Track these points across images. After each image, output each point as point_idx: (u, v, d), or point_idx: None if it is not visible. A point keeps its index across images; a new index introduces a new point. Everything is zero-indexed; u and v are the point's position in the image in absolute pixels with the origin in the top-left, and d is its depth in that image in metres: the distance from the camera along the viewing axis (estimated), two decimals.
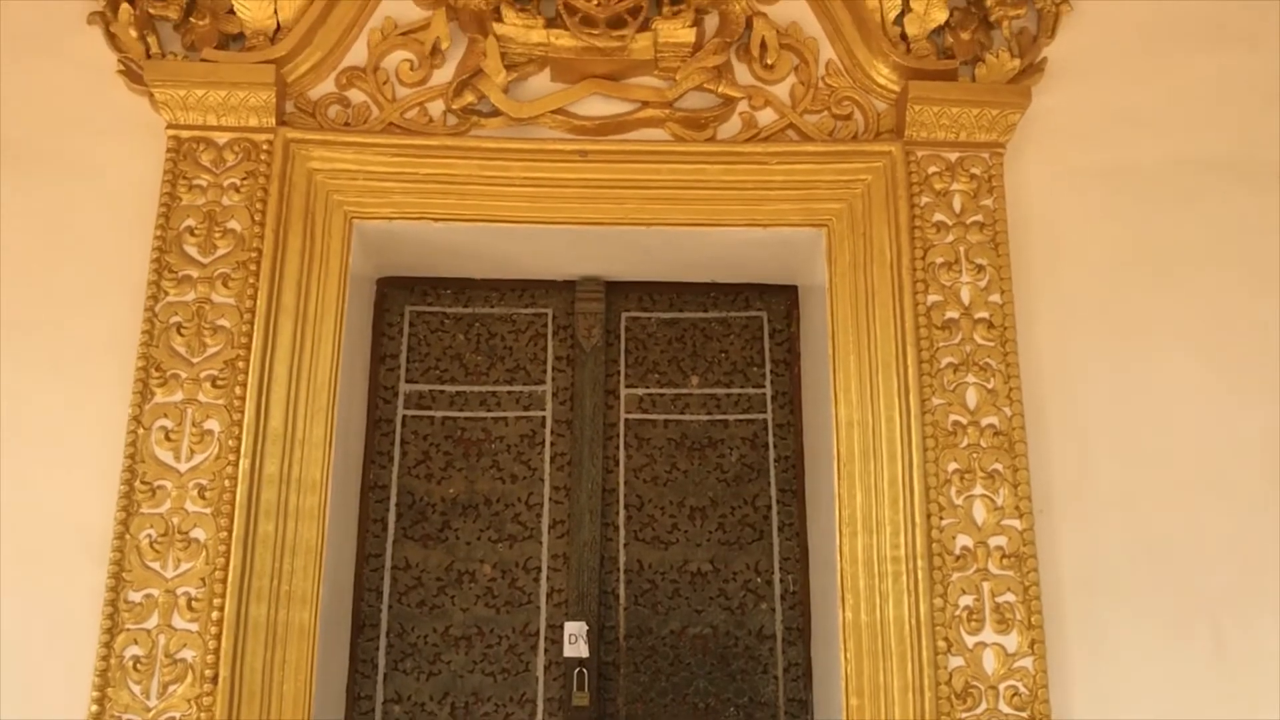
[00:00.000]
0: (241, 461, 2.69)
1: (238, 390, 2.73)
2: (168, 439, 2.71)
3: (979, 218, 2.95)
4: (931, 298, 2.89)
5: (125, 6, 2.96)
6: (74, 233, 2.89)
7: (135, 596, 2.62)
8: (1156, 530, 2.80)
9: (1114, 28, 3.16)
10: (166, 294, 2.81)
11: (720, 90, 3.01)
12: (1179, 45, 3.16)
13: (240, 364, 2.76)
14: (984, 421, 2.80)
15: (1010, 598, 2.69)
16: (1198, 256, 2.99)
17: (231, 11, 2.97)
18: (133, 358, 2.76)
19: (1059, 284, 2.95)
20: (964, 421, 2.80)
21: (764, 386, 3.30)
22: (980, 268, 2.91)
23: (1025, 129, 3.02)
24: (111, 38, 2.97)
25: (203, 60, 2.93)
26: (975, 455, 2.77)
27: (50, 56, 3.01)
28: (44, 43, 3.02)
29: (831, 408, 2.86)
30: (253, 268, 2.82)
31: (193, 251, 2.84)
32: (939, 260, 2.91)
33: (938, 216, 2.94)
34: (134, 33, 2.94)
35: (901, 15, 3.03)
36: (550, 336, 3.32)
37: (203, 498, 2.68)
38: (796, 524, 3.17)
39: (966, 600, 2.69)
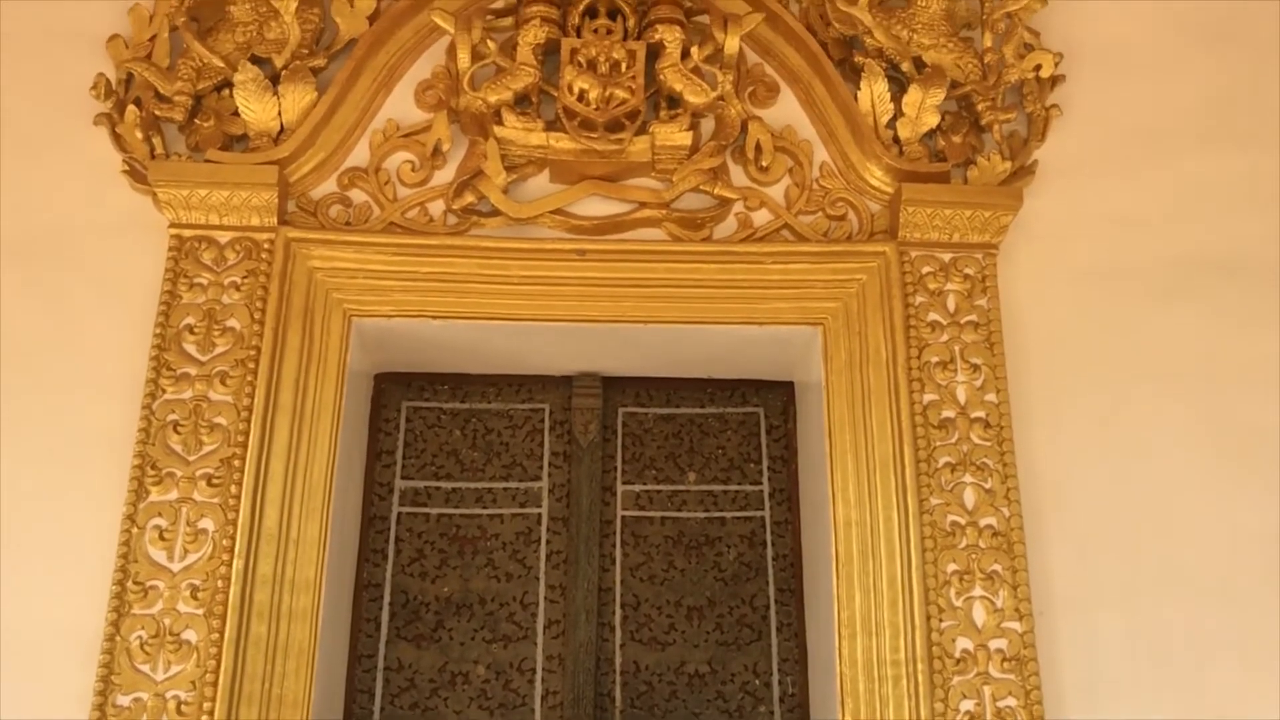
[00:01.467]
0: (235, 561, 2.66)
1: (233, 489, 2.72)
2: (161, 538, 2.69)
3: (973, 317, 2.97)
4: (927, 397, 2.89)
5: (131, 108, 3.01)
6: (74, 330, 2.90)
7: (124, 700, 2.57)
8: (1158, 631, 2.77)
9: (1104, 130, 3.22)
10: (164, 391, 2.80)
11: (716, 191, 3.05)
12: (1169, 146, 3.21)
13: (236, 462, 2.75)
14: (982, 522, 2.79)
15: (1011, 702, 2.65)
16: (1194, 355, 3.01)
17: (236, 113, 3.02)
18: (129, 455, 2.75)
19: (1055, 383, 2.96)
20: (962, 522, 2.78)
21: (761, 483, 3.29)
22: (975, 367, 2.92)
23: (1018, 230, 3.06)
24: (117, 138, 3.01)
25: (207, 161, 2.97)
26: (974, 556, 2.75)
27: (55, 156, 3.05)
28: (49, 142, 3.07)
29: (829, 507, 2.84)
30: (251, 365, 2.83)
31: (191, 349, 2.85)
32: (934, 359, 2.92)
33: (932, 316, 2.97)
34: (139, 134, 2.98)
35: (894, 119, 3.08)
36: (547, 432, 3.31)
37: (195, 598, 2.64)
38: (795, 624, 3.13)
39: (968, 705, 2.65)
